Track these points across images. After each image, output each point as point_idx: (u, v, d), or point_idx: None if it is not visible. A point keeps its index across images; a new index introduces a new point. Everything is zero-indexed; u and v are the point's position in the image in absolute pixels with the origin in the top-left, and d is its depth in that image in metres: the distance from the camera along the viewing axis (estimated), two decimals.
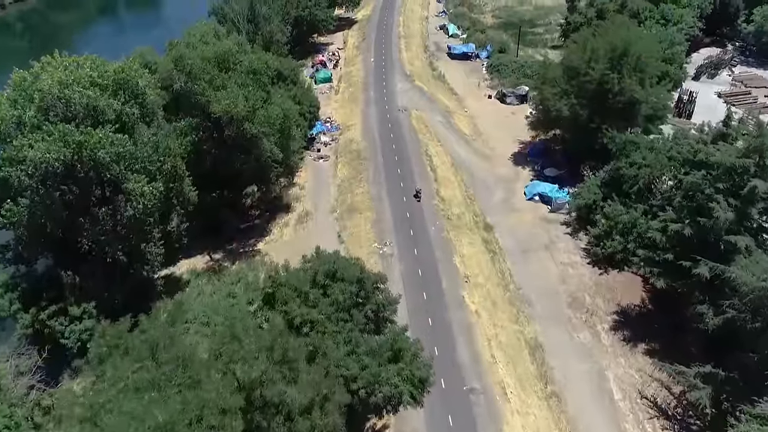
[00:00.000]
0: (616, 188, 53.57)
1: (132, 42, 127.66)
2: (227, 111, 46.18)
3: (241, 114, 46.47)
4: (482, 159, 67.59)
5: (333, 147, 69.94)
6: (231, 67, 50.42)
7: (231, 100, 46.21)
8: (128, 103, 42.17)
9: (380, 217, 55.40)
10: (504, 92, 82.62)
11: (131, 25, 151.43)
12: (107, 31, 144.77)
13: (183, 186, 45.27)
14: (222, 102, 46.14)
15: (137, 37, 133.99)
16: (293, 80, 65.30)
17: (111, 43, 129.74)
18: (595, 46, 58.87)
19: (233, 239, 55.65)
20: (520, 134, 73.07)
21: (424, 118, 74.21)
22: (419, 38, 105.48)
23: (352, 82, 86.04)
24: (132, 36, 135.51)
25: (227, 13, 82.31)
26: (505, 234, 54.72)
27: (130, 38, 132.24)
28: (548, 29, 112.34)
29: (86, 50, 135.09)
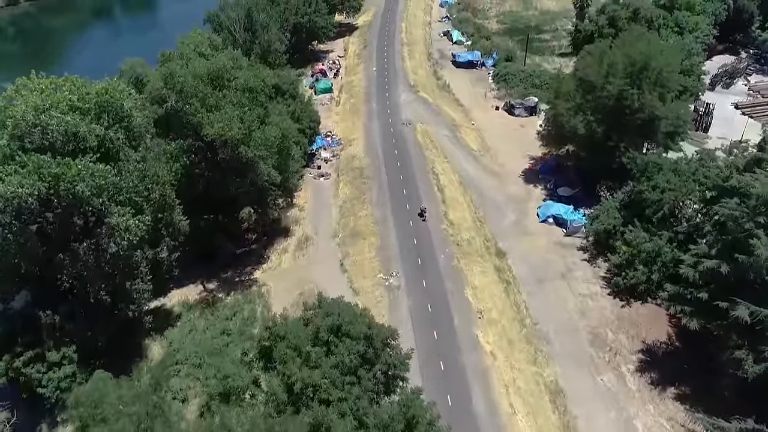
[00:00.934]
0: (637, 212, 50.17)
1: (127, 46, 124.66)
2: (221, 135, 42.67)
3: (236, 137, 42.98)
4: (491, 176, 64.11)
5: (334, 164, 66.43)
6: (225, 85, 46.88)
7: (225, 123, 42.69)
8: (112, 128, 38.62)
9: (385, 243, 51.90)
10: (512, 104, 79.17)
11: (126, 29, 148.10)
12: (102, 36, 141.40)
13: (173, 216, 41.77)
14: (215, 125, 42.63)
15: (132, 41, 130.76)
16: (292, 94, 61.77)
17: (105, 48, 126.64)
18: (613, 59, 55.39)
19: (228, 266, 52.12)
20: (530, 149, 69.64)
21: (430, 132, 70.72)
22: (422, 45, 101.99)
23: (354, 93, 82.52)
24: (127, 40, 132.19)
25: (223, 21, 78.75)
26: (519, 261, 51.25)
27: (124, 43, 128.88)
28: (555, 35, 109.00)
29: (80, 56, 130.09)
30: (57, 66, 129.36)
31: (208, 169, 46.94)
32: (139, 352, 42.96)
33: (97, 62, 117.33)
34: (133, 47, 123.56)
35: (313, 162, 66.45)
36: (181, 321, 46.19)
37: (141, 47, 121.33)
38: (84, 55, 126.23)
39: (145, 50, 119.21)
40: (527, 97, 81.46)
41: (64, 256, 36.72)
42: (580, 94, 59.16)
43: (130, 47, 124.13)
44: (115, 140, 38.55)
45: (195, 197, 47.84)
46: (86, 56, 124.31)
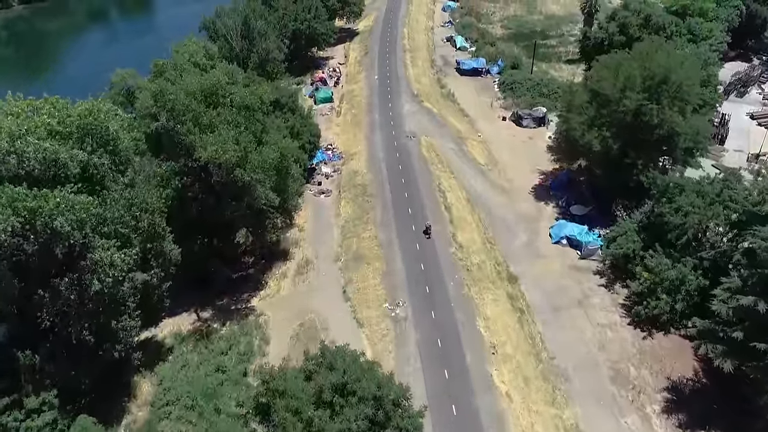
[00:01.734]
0: (657, 235, 47.27)
1: (122, 52, 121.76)
2: (214, 158, 39.67)
3: (231, 161, 39.99)
4: (500, 193, 61.15)
5: (335, 179, 63.42)
6: (220, 102, 43.88)
7: (219, 145, 39.68)
8: (97, 152, 35.72)
9: (391, 269, 48.90)
10: (520, 114, 76.22)
11: (122, 33, 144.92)
12: (96, 40, 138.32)
13: (163, 245, 38.76)
14: (208, 147, 39.63)
15: (127, 46, 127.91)
16: (291, 108, 58.78)
17: (99, 53, 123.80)
18: (630, 72, 52.44)
19: (224, 293, 49.11)
20: (539, 163, 66.74)
21: (435, 145, 67.74)
22: (425, 51, 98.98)
23: (355, 103, 79.50)
24: (122, 45, 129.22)
25: (219, 29, 75.70)
26: (532, 287, 48.31)
27: (119, 48, 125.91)
28: (561, 41, 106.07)
29: (74, 61, 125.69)
30: (50, 72, 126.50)
31: (201, 192, 43.93)
32: (127, 391, 39.94)
33: (91, 68, 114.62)
34: (129, 52, 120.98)
35: (313, 177, 63.44)
36: (173, 355, 43.16)
37: (136, 52, 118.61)
38: (78, 61, 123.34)
39: (140, 55, 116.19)
40: (535, 107, 78.52)
41: (44, 293, 33.75)
42: (594, 108, 56.25)
43: (126, 52, 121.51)
44: (100, 166, 35.64)
45: (188, 220, 44.96)
46: (80, 61, 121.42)
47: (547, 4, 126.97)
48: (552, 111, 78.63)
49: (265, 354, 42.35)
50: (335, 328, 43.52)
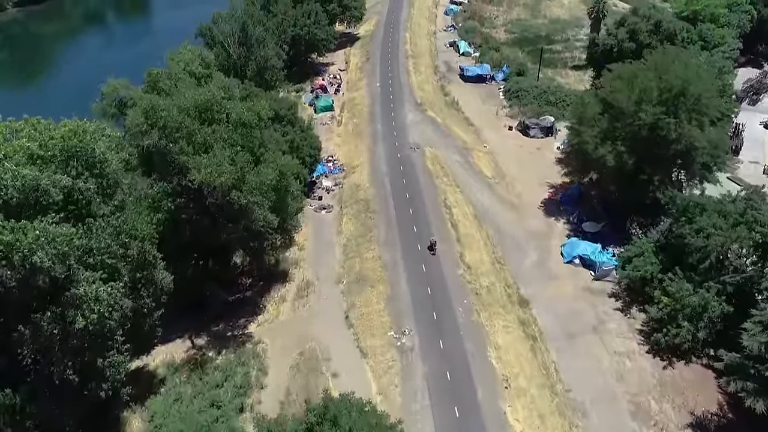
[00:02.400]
0: (676, 257, 44.92)
1: (117, 56, 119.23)
2: (209, 181, 37.18)
3: (227, 184, 37.52)
4: (509, 208, 58.72)
5: (337, 194, 60.93)
6: (215, 119, 41.39)
7: (214, 167, 37.19)
8: (82, 176, 33.13)
9: (395, 292, 46.41)
10: (527, 123, 73.80)
11: (119, 36, 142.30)
12: (93, 44, 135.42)
13: (154, 273, 36.26)
14: (203, 170, 37.14)
15: (124, 50, 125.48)
16: (290, 120, 56.27)
17: (95, 57, 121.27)
18: (647, 84, 50.04)
19: (220, 317, 46.63)
20: (548, 175, 64.38)
21: (440, 157, 65.27)
22: (428, 57, 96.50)
23: (357, 112, 77.01)
24: (118, 49, 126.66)
25: (216, 36, 73.19)
26: (544, 311, 45.88)
27: (115, 52, 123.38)
28: (567, 46, 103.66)
29: (68, 65, 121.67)
30: (46, 75, 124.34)
31: (196, 214, 41.40)
32: (115, 428, 37.45)
33: (86, 72, 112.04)
34: (125, 56, 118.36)
35: (314, 192, 60.99)
36: (166, 387, 40.65)
37: (133, 56, 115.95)
38: (73, 65, 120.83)
39: (137, 60, 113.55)
40: (542, 116, 76.12)
41: (25, 328, 31.25)
42: (607, 121, 53.85)
43: (122, 56, 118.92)
44: (85, 191, 33.04)
45: (182, 243, 42.51)
46: (75, 65, 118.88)
47: (551, 7, 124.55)
48: (560, 120, 76.28)
49: (263, 386, 39.90)
50: (337, 358, 41.05)
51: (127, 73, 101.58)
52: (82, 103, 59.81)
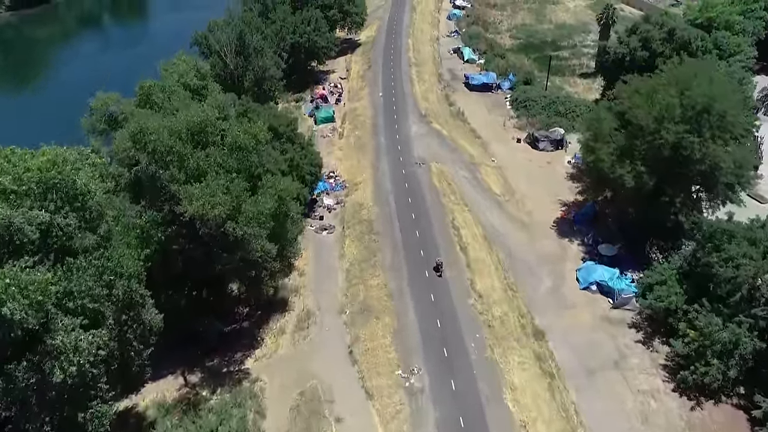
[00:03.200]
0: (702, 287, 42.08)
1: (112, 62, 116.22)
2: (202, 213, 34.25)
3: (221, 216, 34.59)
4: (519, 228, 55.80)
5: (339, 213, 57.96)
6: (210, 141, 38.43)
7: (206, 198, 34.25)
8: (61, 211, 30.21)
9: (403, 325, 43.44)
10: (536, 136, 70.90)
11: (114, 41, 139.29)
12: (87, 50, 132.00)
13: (142, 313, 33.30)
14: (194, 201, 34.20)
15: (119, 55, 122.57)
16: (290, 137, 53.31)
17: (89, 63, 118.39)
18: (669, 101, 47.12)
19: (215, 351, 43.67)
20: (560, 191, 61.53)
21: (447, 173, 62.31)
22: (431, 65, 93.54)
23: (359, 123, 74.03)
24: (114, 54, 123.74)
25: (212, 45, 70.23)
26: (561, 343, 42.97)
27: (111, 57, 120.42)
28: (575, 53, 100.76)
29: (63, 70, 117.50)
30: (40, 78, 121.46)
31: (188, 243, 38.43)
32: None
33: (79, 77, 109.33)
34: (120, 62, 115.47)
35: (314, 211, 58.03)
36: (156, 431, 37.68)
37: (128, 62, 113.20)
38: (67, 70, 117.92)
39: (133, 65, 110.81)
40: (552, 128, 73.23)
41: None
42: (625, 137, 50.99)
43: (117, 61, 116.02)
44: (65, 227, 30.12)
45: (173, 274, 39.61)
46: (69, 70, 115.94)
47: (557, 12, 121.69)
48: (569, 132, 73.47)
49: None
50: (341, 399, 38.13)
51: (122, 80, 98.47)
52: (75, 110, 57.20)
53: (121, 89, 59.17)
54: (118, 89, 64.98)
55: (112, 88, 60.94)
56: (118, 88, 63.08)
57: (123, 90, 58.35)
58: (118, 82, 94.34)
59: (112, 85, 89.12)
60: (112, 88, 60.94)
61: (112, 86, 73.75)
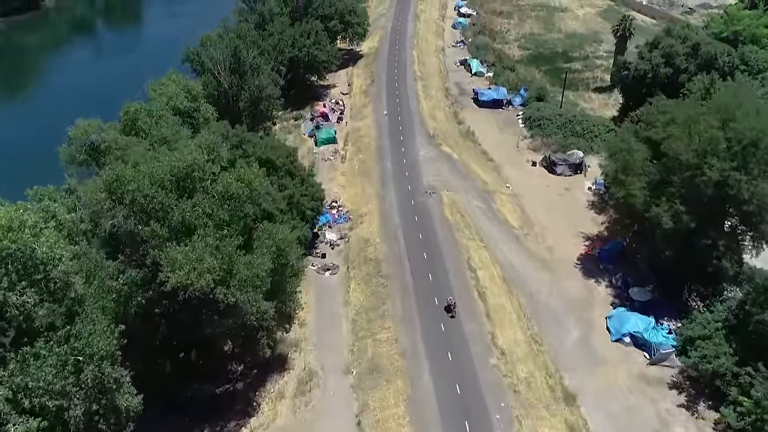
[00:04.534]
0: (755, 347, 37.35)
1: (104, 70, 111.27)
2: (186, 284, 29.31)
3: (208, 286, 29.66)
4: (540, 267, 50.98)
5: (342, 250, 52.99)
6: (197, 188, 33.47)
7: (192, 265, 29.33)
8: (17, 287, 25.33)
9: (417, 390, 38.45)
10: (553, 159, 66.06)
11: (107, 48, 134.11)
12: (79, 58, 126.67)
13: (116, 399, 28.37)
14: (177, 270, 29.26)
15: (110, 65, 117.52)
16: (289, 170, 48.36)
17: (80, 71, 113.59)
18: (712, 134, 42.30)
19: (205, 419, 38.55)
20: (581, 222, 56.87)
21: (459, 203, 57.37)
22: (438, 78, 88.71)
23: (363, 145, 69.04)
24: (105, 64, 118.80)
25: (205, 62, 65.19)
26: (594, 409, 38.14)
27: (102, 66, 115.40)
28: (587, 65, 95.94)
29: (51, 80, 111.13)
30: (31, 86, 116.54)
31: (173, 306, 33.44)
32: None
33: (70, 86, 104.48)
34: (112, 70, 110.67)
35: (316, 247, 53.06)
36: None
37: (121, 70, 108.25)
38: (57, 78, 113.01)
39: (125, 74, 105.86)
40: (569, 150, 68.43)
41: None
42: (659, 170, 46.23)
43: (109, 70, 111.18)
44: (21, 306, 25.22)
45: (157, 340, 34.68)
46: (59, 79, 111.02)
47: (566, 20, 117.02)
48: (588, 153, 68.72)
49: None
50: None
51: (114, 90, 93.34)
52: (65, 121, 52.93)
53: (113, 101, 55.42)
54: (110, 101, 60.88)
55: (102, 101, 56.19)
56: (110, 100, 58.92)
57: (115, 102, 54.87)
58: (109, 94, 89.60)
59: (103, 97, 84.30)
60: (102, 101, 56.19)
61: (103, 99, 69.05)
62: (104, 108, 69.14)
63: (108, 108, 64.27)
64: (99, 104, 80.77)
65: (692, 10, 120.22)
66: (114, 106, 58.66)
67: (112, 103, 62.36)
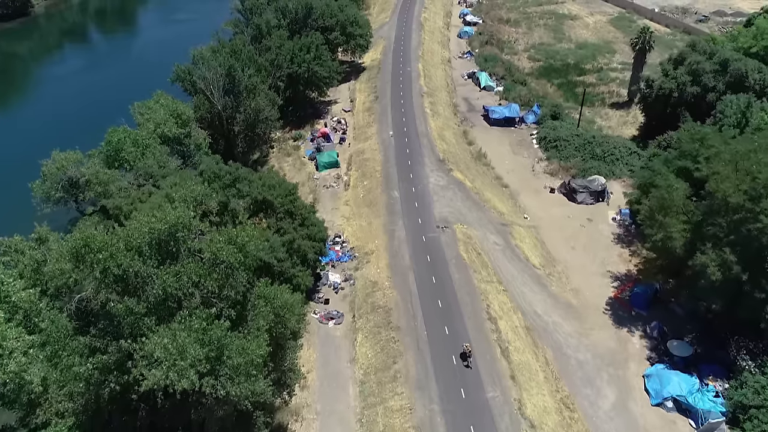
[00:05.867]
0: None
1: (93, 84, 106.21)
2: (165, 386, 24.35)
3: (192, 385, 24.71)
4: (567, 314, 46.21)
5: (347, 295, 48.05)
6: (182, 251, 28.48)
7: (172, 360, 24.32)
8: None
9: None
10: (573, 186, 61.20)
11: (97, 57, 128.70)
12: (67, 69, 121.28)
13: None
14: (154, 370, 24.26)
15: (101, 75, 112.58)
16: (289, 211, 43.37)
17: (67, 86, 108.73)
18: (766, 174, 37.49)
19: None
20: (608, 258, 52.34)
21: (475, 239, 52.44)
22: (445, 93, 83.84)
23: (368, 171, 64.03)
24: (95, 74, 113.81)
25: (196, 82, 60.17)
26: None
27: (91, 78, 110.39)
28: (601, 77, 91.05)
29: (41, 92, 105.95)
30: (12, 101, 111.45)
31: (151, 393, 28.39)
32: None
33: (58, 98, 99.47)
34: (104, 82, 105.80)
35: (318, 290, 48.12)
36: None
37: (113, 82, 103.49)
38: (46, 89, 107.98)
39: (117, 85, 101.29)
40: (590, 175, 63.54)
41: None
42: (703, 211, 41.43)
43: (97, 82, 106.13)
44: None
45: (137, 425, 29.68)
46: (43, 94, 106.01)
47: (576, 29, 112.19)
48: (609, 177, 63.89)
49: None
50: None
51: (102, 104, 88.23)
52: (45, 143, 48.19)
53: (100, 118, 51.02)
54: (96, 118, 56.46)
55: (88, 119, 51.59)
56: (97, 117, 54.37)
57: (102, 118, 50.80)
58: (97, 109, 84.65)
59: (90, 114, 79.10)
60: (88, 119, 51.59)
61: (89, 116, 64.69)
62: (91, 126, 64.67)
63: (95, 125, 59.67)
64: (85, 121, 76.18)
65: (707, 18, 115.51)
66: (101, 122, 54.04)
67: (99, 120, 57.72)
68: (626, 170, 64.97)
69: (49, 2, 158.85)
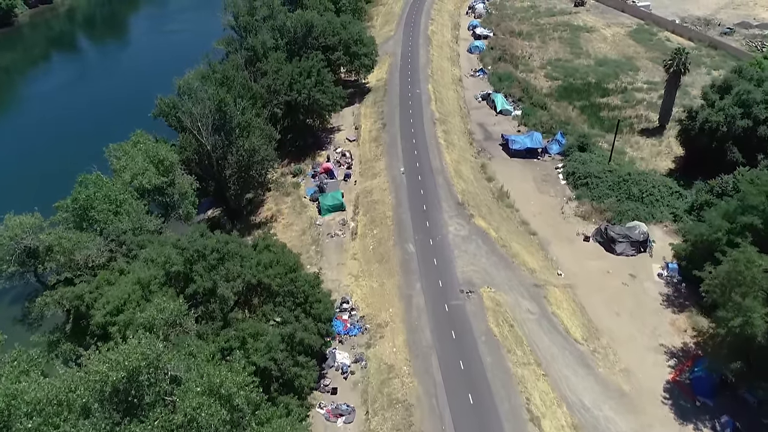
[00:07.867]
0: None
1: (76, 103, 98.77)
2: None
3: None
4: (620, 406, 38.92)
5: (358, 381, 40.54)
6: (151, 402, 21.04)
7: None
8: None
9: None
10: (611, 235, 53.89)
11: (83, 71, 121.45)
12: (51, 84, 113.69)
13: None
14: None
15: (86, 89, 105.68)
16: (291, 291, 35.90)
17: (54, 97, 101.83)
18: None
19: None
20: (658, 326, 45.62)
21: (505, 306, 45.08)
22: (459, 119, 76.51)
23: (377, 216, 56.58)
24: (80, 89, 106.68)
25: (182, 118, 52.63)
26: None
27: (76, 95, 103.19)
28: (626, 98, 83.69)
29: (25, 107, 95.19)
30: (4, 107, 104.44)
31: None
32: None
33: (44, 114, 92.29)
34: (90, 98, 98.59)
35: (325, 374, 40.65)
36: None
37: (101, 98, 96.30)
38: (18, 115, 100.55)
39: (106, 102, 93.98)
40: (628, 219, 56.34)
41: None
42: None
43: (83, 101, 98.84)
44: None
45: None
46: (20, 116, 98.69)
47: (593, 42, 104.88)
48: (649, 221, 56.65)
49: None
50: None
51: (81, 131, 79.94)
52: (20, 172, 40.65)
53: (79, 146, 43.52)
54: (75, 146, 48.95)
55: (66, 149, 44.26)
56: (75, 145, 46.93)
57: (81, 145, 43.25)
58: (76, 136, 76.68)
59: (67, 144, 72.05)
60: (66, 149, 44.26)
61: (67, 146, 57.47)
62: (68, 152, 56.88)
63: (74, 153, 51.91)
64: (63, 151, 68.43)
65: (732, 30, 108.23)
66: (80, 152, 46.72)
67: (80, 148, 50.39)
68: (668, 213, 57.76)
69: (34, 11, 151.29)
